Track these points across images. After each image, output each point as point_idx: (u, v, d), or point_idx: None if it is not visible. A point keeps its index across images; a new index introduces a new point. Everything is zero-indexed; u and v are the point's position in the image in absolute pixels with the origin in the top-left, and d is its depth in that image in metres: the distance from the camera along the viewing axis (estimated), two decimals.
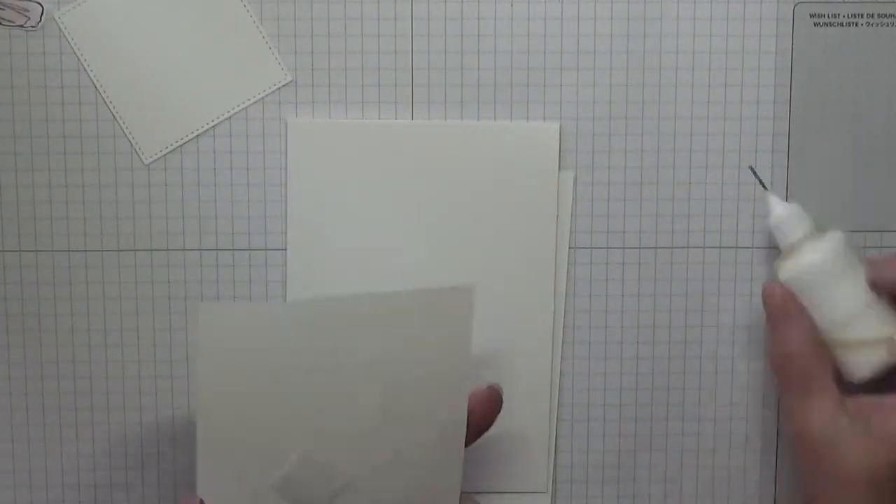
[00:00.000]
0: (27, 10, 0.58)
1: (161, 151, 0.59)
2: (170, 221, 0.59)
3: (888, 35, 0.58)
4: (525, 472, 0.61)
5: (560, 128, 0.59)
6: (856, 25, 0.58)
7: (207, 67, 0.58)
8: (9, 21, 0.58)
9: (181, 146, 0.59)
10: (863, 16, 0.58)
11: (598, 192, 0.59)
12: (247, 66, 0.58)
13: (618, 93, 0.59)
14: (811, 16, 0.58)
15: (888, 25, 0.58)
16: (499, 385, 0.56)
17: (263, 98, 0.59)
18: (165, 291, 0.60)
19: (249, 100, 0.59)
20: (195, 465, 0.52)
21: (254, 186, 0.59)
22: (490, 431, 0.56)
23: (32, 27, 0.58)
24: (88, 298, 0.59)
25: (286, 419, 0.53)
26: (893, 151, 0.59)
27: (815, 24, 0.58)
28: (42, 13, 0.58)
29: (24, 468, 0.61)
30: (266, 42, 0.58)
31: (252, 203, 0.59)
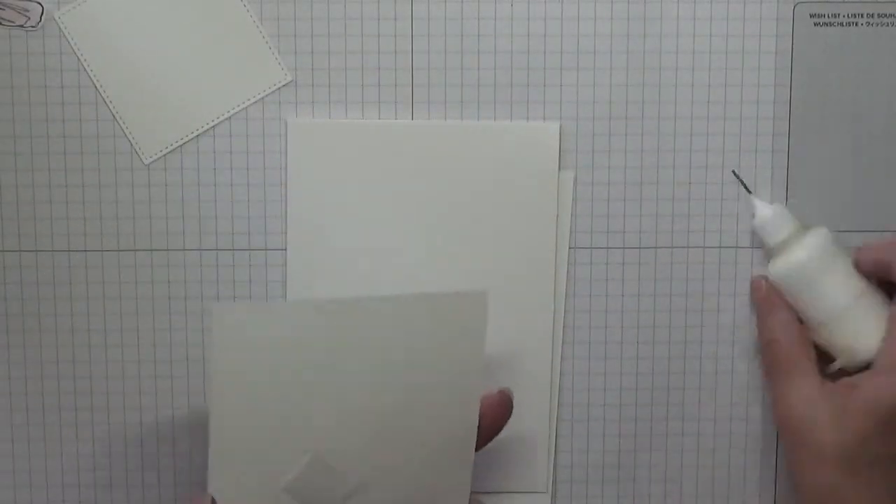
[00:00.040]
0: (27, 10, 0.58)
1: (161, 151, 0.59)
2: (170, 221, 0.59)
3: (888, 35, 0.58)
4: (525, 472, 0.61)
5: (560, 128, 0.59)
6: (856, 25, 0.58)
7: (207, 67, 0.58)
8: (9, 21, 0.58)
9: (181, 146, 0.59)
10: (863, 16, 0.58)
11: (598, 192, 0.59)
12: (247, 66, 0.58)
13: (618, 93, 0.59)
14: (811, 16, 0.58)
15: (888, 25, 0.58)
16: (509, 390, 0.56)
17: (263, 98, 0.59)
18: (165, 291, 0.59)
19: (249, 100, 0.59)
20: (206, 464, 0.52)
21: (254, 186, 0.59)
22: None
23: (32, 27, 0.58)
24: (88, 298, 0.59)
25: (299, 420, 0.53)
26: (893, 151, 0.59)
27: (815, 24, 0.58)
28: (42, 13, 0.58)
29: (24, 468, 0.61)
30: (266, 42, 0.58)
31: (252, 203, 0.59)
